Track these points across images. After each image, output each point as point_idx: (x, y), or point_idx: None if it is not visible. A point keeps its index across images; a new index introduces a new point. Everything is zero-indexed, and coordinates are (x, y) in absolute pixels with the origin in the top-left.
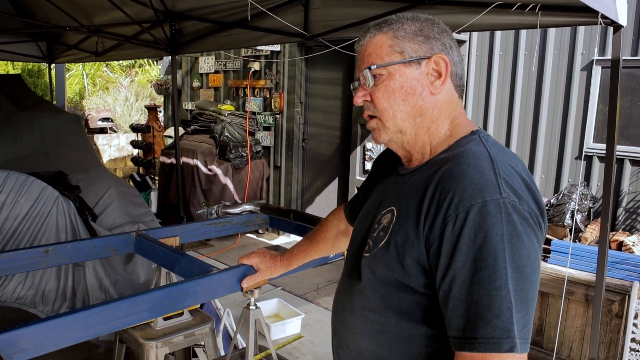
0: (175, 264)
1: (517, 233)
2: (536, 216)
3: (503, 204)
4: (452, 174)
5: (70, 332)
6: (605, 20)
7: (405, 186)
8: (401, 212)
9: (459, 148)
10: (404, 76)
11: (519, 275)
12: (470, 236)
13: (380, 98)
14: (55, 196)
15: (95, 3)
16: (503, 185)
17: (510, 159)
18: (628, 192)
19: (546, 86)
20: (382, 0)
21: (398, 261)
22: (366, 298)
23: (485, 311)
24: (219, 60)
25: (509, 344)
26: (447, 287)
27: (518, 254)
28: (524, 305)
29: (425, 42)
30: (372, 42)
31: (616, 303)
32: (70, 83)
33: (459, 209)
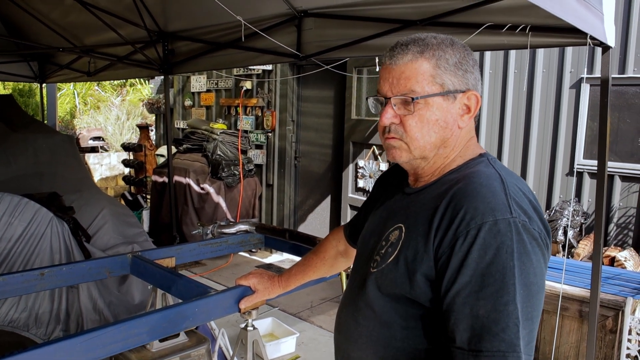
0: (172, 285)
1: (526, 252)
2: (544, 237)
3: (514, 223)
4: (465, 192)
5: (69, 356)
6: (594, 42)
7: (413, 204)
8: (410, 229)
9: (469, 169)
10: (441, 109)
11: (527, 293)
12: (480, 252)
13: (413, 126)
14: (49, 217)
15: (87, 24)
16: (514, 205)
17: (518, 182)
18: (619, 207)
19: (536, 104)
20: (373, 22)
21: (407, 277)
22: (372, 313)
23: (492, 325)
24: (211, 79)
25: (514, 357)
26: (451, 300)
27: (526, 272)
28: (529, 322)
29: (463, 75)
30: (412, 65)
31: (610, 319)
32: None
33: (471, 226)
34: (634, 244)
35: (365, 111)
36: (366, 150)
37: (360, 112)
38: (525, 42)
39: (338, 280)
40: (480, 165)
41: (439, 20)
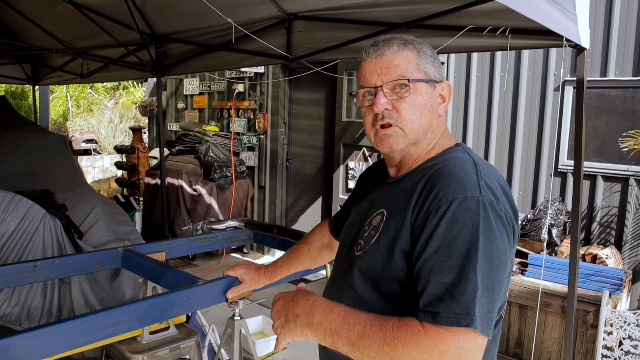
0: (162, 277)
1: (491, 228)
2: (510, 218)
3: (482, 202)
4: (440, 173)
5: (60, 340)
6: (569, 43)
7: (393, 191)
8: (391, 212)
9: (445, 156)
10: (427, 95)
11: (488, 265)
12: (448, 225)
13: (407, 109)
14: (42, 214)
15: (81, 26)
16: (484, 186)
17: (490, 168)
18: (602, 207)
19: (521, 106)
20: (360, 24)
21: (387, 254)
22: (354, 293)
23: (452, 290)
24: (204, 82)
25: (467, 320)
26: (419, 268)
27: (489, 245)
28: (489, 292)
29: (439, 67)
30: (400, 54)
31: (591, 314)
32: (54, 105)
33: (442, 202)
34: (615, 242)
35: (356, 113)
36: (356, 151)
37: (350, 114)
38: (505, 44)
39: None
40: (456, 152)
41: (422, 23)
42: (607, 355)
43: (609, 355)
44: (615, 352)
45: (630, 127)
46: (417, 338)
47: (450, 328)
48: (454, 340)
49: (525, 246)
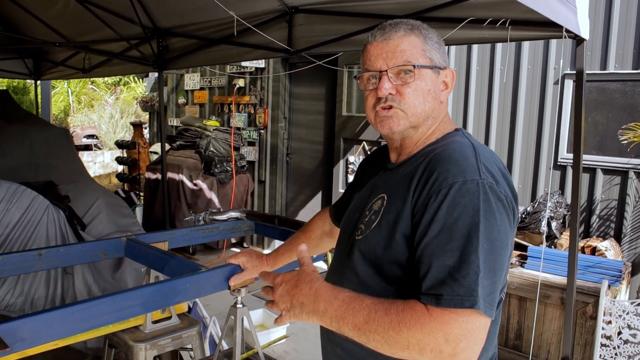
0: (165, 265)
1: (491, 210)
2: (510, 200)
3: (481, 184)
4: (440, 157)
5: (67, 324)
6: (569, 34)
7: (394, 176)
8: (392, 196)
9: (445, 140)
10: (431, 81)
11: (490, 247)
12: (449, 209)
13: (411, 94)
14: (45, 205)
15: (83, 21)
16: (483, 169)
17: (489, 152)
18: (601, 199)
19: (521, 99)
20: (361, 17)
21: (388, 238)
22: (356, 277)
23: (455, 272)
24: (204, 77)
25: (470, 301)
26: (421, 252)
27: (490, 228)
28: (491, 273)
29: (444, 54)
30: (406, 39)
31: (590, 305)
32: (55, 100)
33: (442, 185)
34: (615, 234)
35: (356, 108)
36: (356, 146)
37: (350, 108)
38: (506, 36)
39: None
40: (456, 137)
41: (423, 15)
42: (606, 344)
43: (608, 344)
44: (614, 341)
45: (630, 121)
46: (422, 321)
47: (454, 310)
48: (458, 321)
49: (525, 239)
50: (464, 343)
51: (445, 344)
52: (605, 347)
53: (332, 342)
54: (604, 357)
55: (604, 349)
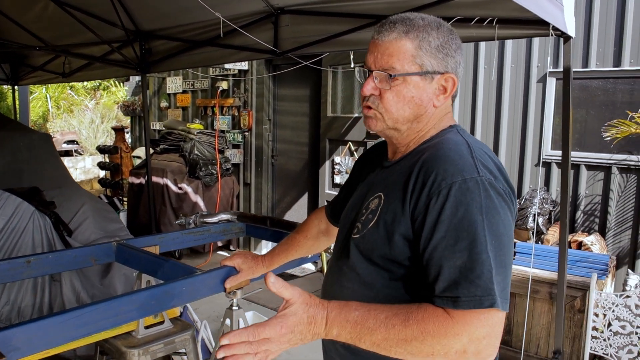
0: (159, 269)
1: (494, 206)
2: (508, 193)
3: (481, 182)
4: (435, 157)
5: (63, 331)
6: (556, 32)
7: (390, 175)
8: (388, 196)
9: (438, 138)
10: (417, 88)
11: (497, 243)
12: (452, 209)
13: (389, 100)
14: (31, 211)
15: (63, 24)
16: (480, 166)
17: (484, 147)
18: (585, 195)
19: (505, 97)
20: (348, 17)
21: (387, 238)
22: (356, 275)
23: (468, 273)
24: (187, 80)
25: (489, 300)
26: (429, 255)
27: (495, 224)
28: (502, 269)
29: (444, 59)
30: (396, 43)
31: (578, 299)
32: (33, 106)
33: (442, 186)
34: (599, 229)
35: (341, 108)
36: (342, 146)
37: (335, 109)
38: (493, 34)
39: (317, 276)
40: (449, 134)
41: None
42: (596, 337)
43: (598, 337)
44: (604, 333)
45: (611, 118)
46: (446, 326)
47: (475, 310)
48: (481, 320)
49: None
50: (486, 340)
51: (469, 344)
52: (596, 339)
53: (329, 354)
54: (594, 349)
55: (595, 341)
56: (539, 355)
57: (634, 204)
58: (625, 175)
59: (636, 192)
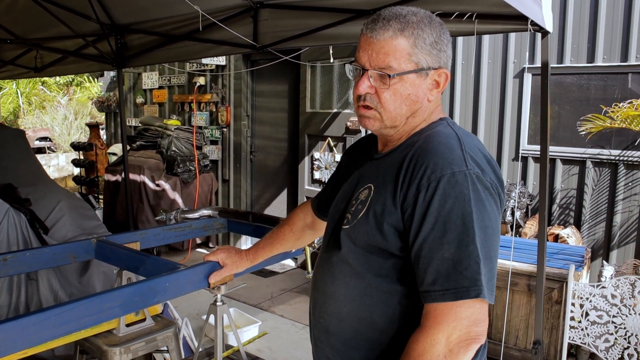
0: (140, 265)
1: (480, 199)
2: (496, 187)
3: (469, 175)
4: (425, 150)
5: (44, 329)
6: (534, 27)
7: (380, 166)
8: (378, 187)
9: (429, 130)
10: (414, 85)
11: (484, 235)
12: (441, 201)
13: (387, 99)
14: (5, 209)
15: (35, 17)
16: (469, 159)
17: (474, 140)
18: (561, 189)
19: (483, 93)
20: (328, 12)
21: (377, 228)
22: (348, 266)
23: (456, 265)
24: (163, 75)
25: (475, 291)
26: (419, 247)
27: (482, 216)
28: (489, 260)
29: (437, 54)
30: (391, 42)
31: (555, 290)
32: (3, 102)
33: (431, 179)
34: (575, 222)
35: (320, 104)
36: (321, 142)
37: (314, 105)
38: (472, 29)
39: (297, 272)
40: (440, 127)
41: None
42: (574, 327)
43: (575, 327)
44: (582, 323)
45: (586, 113)
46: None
47: (461, 302)
48: (466, 311)
49: None
50: (474, 326)
51: (455, 333)
52: (574, 329)
53: (320, 346)
54: (572, 338)
55: (573, 331)
56: (517, 346)
57: (608, 197)
58: (599, 169)
59: (609, 185)
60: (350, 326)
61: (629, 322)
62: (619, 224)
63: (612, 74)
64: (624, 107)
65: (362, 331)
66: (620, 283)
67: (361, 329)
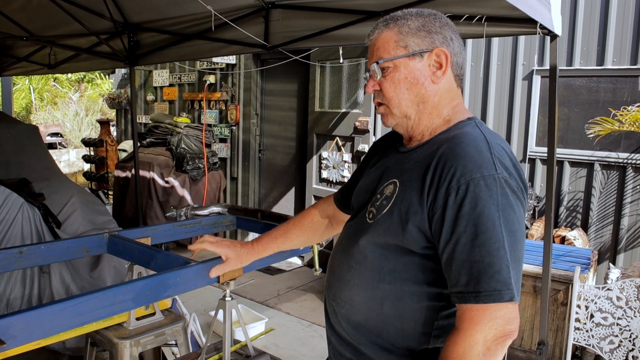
0: (151, 260)
1: (509, 203)
2: (522, 190)
3: (498, 179)
4: (454, 152)
5: (59, 319)
6: (543, 30)
7: (407, 161)
8: (404, 184)
9: (457, 130)
10: (408, 68)
11: (512, 239)
12: (471, 204)
13: (387, 88)
14: (20, 203)
15: (49, 15)
16: (497, 163)
17: (502, 142)
18: (568, 191)
19: (491, 94)
20: (339, 13)
21: (400, 226)
22: (364, 258)
23: (488, 268)
24: (174, 73)
25: (509, 294)
26: (451, 250)
27: (511, 221)
28: (517, 263)
29: (427, 36)
30: (380, 37)
31: (561, 292)
32: (16, 98)
33: (461, 182)
34: (582, 224)
35: (329, 103)
36: (329, 141)
37: (323, 104)
38: (481, 32)
39: (303, 270)
40: (467, 127)
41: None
42: (579, 328)
43: (580, 328)
44: (586, 325)
45: (595, 115)
46: (471, 332)
47: (494, 305)
48: (500, 312)
49: None
50: (508, 325)
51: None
52: (578, 330)
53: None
54: (577, 340)
55: (577, 332)
56: (523, 347)
57: (615, 200)
58: (606, 172)
59: (617, 188)
60: (361, 314)
61: (634, 325)
62: (627, 227)
63: (622, 77)
64: (633, 111)
65: (371, 320)
66: (625, 285)
67: (371, 317)
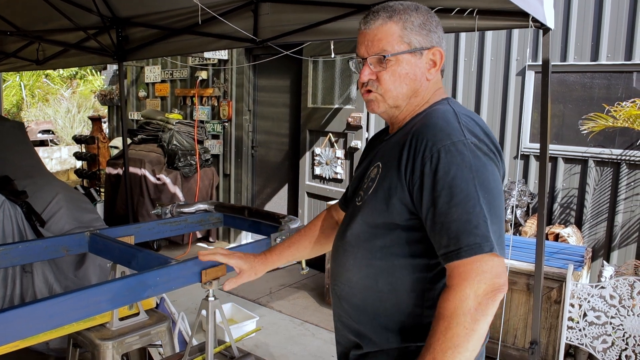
0: (132, 259)
1: (482, 164)
2: (493, 152)
3: (467, 144)
4: (425, 125)
5: (32, 322)
6: (535, 24)
7: (388, 146)
8: (385, 164)
9: (430, 109)
10: (410, 64)
11: (489, 195)
12: (445, 169)
13: (387, 80)
14: (1, 201)
15: (36, 10)
16: (465, 131)
17: (470, 114)
18: (562, 188)
19: (485, 90)
20: (329, 6)
21: (385, 203)
22: (357, 239)
23: (466, 225)
24: (166, 69)
25: (488, 246)
26: (432, 215)
27: (484, 178)
28: (496, 218)
29: (427, 35)
30: (383, 28)
31: (554, 290)
32: (6, 94)
33: (433, 151)
34: (576, 221)
35: (322, 99)
36: (322, 137)
37: (316, 100)
38: (473, 25)
39: (296, 268)
40: (439, 105)
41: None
42: (572, 327)
43: (573, 327)
44: (580, 324)
45: (589, 111)
46: (460, 290)
47: (479, 257)
48: (486, 265)
49: None
50: (497, 279)
51: (481, 286)
52: (572, 329)
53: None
54: (570, 339)
55: (570, 331)
56: (516, 345)
57: (609, 196)
58: (600, 169)
59: (611, 185)
60: (359, 293)
61: (627, 323)
62: (621, 224)
63: (616, 73)
64: (627, 106)
65: (368, 298)
66: (619, 284)
67: (368, 295)
